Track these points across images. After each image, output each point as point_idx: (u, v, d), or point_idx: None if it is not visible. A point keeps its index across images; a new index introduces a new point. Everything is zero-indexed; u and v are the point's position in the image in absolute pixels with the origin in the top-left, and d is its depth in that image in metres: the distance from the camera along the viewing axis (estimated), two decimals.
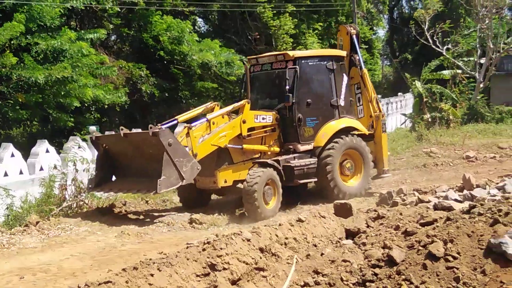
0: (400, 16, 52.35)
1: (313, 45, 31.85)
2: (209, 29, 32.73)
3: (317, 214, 9.74)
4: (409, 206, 10.64)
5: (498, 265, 5.70)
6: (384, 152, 15.09)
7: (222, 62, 24.59)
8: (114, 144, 13.06)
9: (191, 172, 11.88)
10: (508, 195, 9.56)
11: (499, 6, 30.76)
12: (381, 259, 6.48)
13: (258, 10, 28.42)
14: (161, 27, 23.66)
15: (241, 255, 7.48)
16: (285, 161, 13.30)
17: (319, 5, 33.96)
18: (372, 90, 15.35)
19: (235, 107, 13.45)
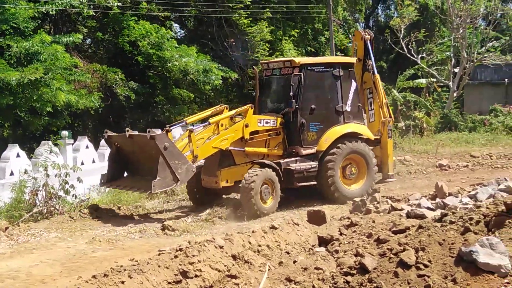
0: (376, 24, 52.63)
1: (289, 52, 31.92)
2: (185, 35, 32.62)
3: (290, 222, 9.75)
4: (382, 214, 10.67)
5: (468, 274, 5.71)
6: (389, 157, 15.36)
7: (200, 70, 24.52)
8: (123, 143, 13.77)
9: (186, 174, 12.60)
10: (479, 204, 9.62)
11: (473, 16, 31.12)
12: (353, 266, 6.47)
13: (234, 17, 28.41)
14: (139, 33, 23.53)
15: (213, 262, 7.45)
16: (286, 164, 13.85)
17: (295, 12, 34.06)
18: (383, 95, 15.70)
19: (239, 111, 14.09)
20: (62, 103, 18.13)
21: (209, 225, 12.42)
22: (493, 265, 5.71)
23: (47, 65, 17.89)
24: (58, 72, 18.49)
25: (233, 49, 28.88)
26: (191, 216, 13.17)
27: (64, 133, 14.80)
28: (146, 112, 25.23)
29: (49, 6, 19.71)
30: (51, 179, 12.90)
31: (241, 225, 12.02)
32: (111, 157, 14.02)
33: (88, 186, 14.65)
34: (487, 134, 28.00)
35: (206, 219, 12.88)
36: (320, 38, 38.31)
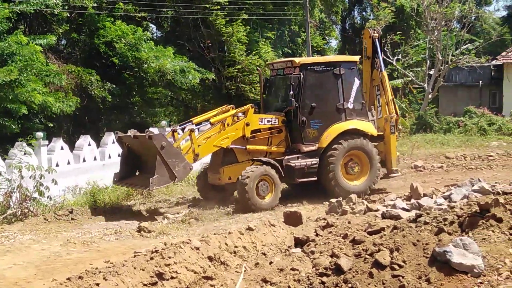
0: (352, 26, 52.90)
1: (267, 54, 31.97)
2: (162, 36, 32.49)
3: (267, 223, 9.77)
4: (358, 215, 10.74)
5: (442, 274, 5.77)
6: (392, 153, 15.60)
7: (177, 70, 24.44)
8: (133, 143, 14.33)
9: (183, 171, 13.37)
10: (453, 204, 9.73)
11: (448, 19, 31.45)
12: (329, 267, 6.51)
13: (210, 18, 28.37)
14: (115, 34, 23.37)
15: (189, 263, 7.44)
16: (287, 160, 14.34)
17: (272, 14, 34.13)
18: (390, 92, 15.94)
19: (240, 110, 14.75)
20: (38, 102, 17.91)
21: (186, 226, 12.38)
22: (467, 265, 5.78)
23: (22, 65, 17.69)
24: (33, 73, 18.29)
25: (210, 50, 28.85)
26: (167, 218, 13.13)
27: (38, 134, 14.65)
28: (123, 113, 25.07)
29: (24, 6, 19.47)
30: (26, 180, 12.77)
31: (218, 227, 12.00)
32: (122, 157, 14.71)
33: (63, 187, 14.51)
34: (461, 135, 28.26)
35: (183, 220, 12.85)
36: (297, 40, 38.47)
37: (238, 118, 14.53)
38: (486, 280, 5.74)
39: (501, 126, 29.39)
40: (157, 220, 12.99)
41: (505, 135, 28.19)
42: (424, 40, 34.66)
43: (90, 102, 23.14)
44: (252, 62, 29.67)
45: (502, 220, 6.96)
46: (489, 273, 5.83)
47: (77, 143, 16.42)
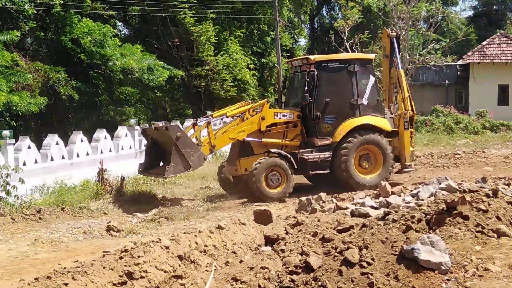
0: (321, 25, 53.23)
1: (235, 53, 31.95)
2: (130, 33, 32.27)
3: (237, 221, 9.77)
4: (327, 213, 10.81)
5: (410, 271, 5.85)
6: (406, 148, 15.98)
7: (145, 68, 24.27)
8: (156, 135, 15.12)
9: (198, 161, 14.13)
10: (421, 202, 9.86)
11: (415, 19, 31.80)
12: (299, 265, 6.54)
13: (179, 17, 28.26)
14: (81, 30, 23.11)
15: (159, 263, 7.41)
16: (301, 154, 14.96)
17: (241, 13, 34.13)
18: (406, 89, 16.29)
19: (257, 105, 15.50)
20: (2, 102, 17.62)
21: (155, 225, 12.32)
22: (434, 262, 5.86)
23: None
24: None
25: (179, 49, 28.74)
26: (137, 217, 13.05)
27: (5, 133, 14.42)
28: (91, 112, 24.81)
29: None
30: None
31: (188, 225, 11.98)
32: (147, 148, 15.72)
33: (31, 187, 14.33)
34: (428, 134, 28.67)
35: (152, 219, 12.78)
36: (265, 39, 38.50)
37: (256, 112, 15.17)
38: (453, 277, 5.83)
39: (467, 125, 29.88)
40: (127, 219, 12.90)
41: (471, 134, 28.67)
42: None
43: (58, 101, 22.86)
44: (220, 62, 29.67)
45: (469, 218, 7.08)
46: (456, 270, 5.93)
47: (45, 141, 16.22)
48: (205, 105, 30.54)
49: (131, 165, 17.84)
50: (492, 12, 50.85)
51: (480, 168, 17.19)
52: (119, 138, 18.24)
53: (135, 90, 26.05)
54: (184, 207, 13.83)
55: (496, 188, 9.36)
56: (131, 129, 19.07)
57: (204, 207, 13.91)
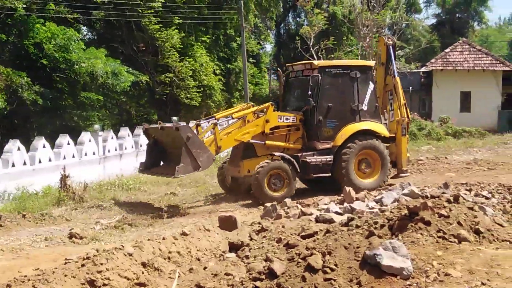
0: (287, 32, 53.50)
1: (201, 58, 31.90)
2: (94, 38, 31.96)
3: (201, 228, 9.71)
4: (292, 219, 10.83)
5: (372, 276, 5.89)
6: (403, 154, 16.48)
7: (109, 72, 24.05)
8: (159, 135, 15.37)
9: (207, 161, 14.24)
10: (384, 208, 9.96)
11: (379, 26, 32.17)
12: (262, 272, 6.53)
13: (143, 22, 28.11)
14: (45, 35, 22.80)
15: (122, 270, 7.32)
16: (303, 157, 15.22)
17: (207, 18, 34.11)
18: (402, 96, 16.77)
19: (261, 108, 15.77)
20: None
21: (119, 232, 12.19)
22: (396, 267, 5.91)
23: None
24: None
25: (144, 54, 28.57)
26: (100, 223, 12.90)
27: None
28: (54, 117, 24.46)
29: None
30: None
31: (152, 232, 11.89)
32: (148, 148, 15.85)
33: None
34: None
35: (116, 226, 12.65)
36: (232, 44, 38.56)
37: (258, 116, 15.42)
38: (414, 282, 5.89)
39: (430, 131, 30.28)
40: (90, 226, 12.74)
41: (434, 140, 29.06)
42: (356, 46, 35.31)
43: (20, 105, 22.48)
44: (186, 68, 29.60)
45: (430, 223, 7.17)
46: (418, 275, 5.99)
47: (6, 147, 15.93)
48: (170, 110, 30.44)
49: (95, 171, 17.69)
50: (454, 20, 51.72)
51: (442, 174, 17.45)
52: (83, 144, 18.03)
53: (99, 96, 25.77)
54: (148, 214, 13.71)
55: (457, 193, 9.51)
56: (95, 134, 18.85)
57: (168, 214, 13.81)
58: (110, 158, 19.00)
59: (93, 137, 18.69)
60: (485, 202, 9.94)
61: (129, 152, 19.99)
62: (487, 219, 7.84)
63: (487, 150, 24.09)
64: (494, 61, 35.87)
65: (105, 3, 27.32)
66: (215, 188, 16.91)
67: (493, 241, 7.36)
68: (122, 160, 19.54)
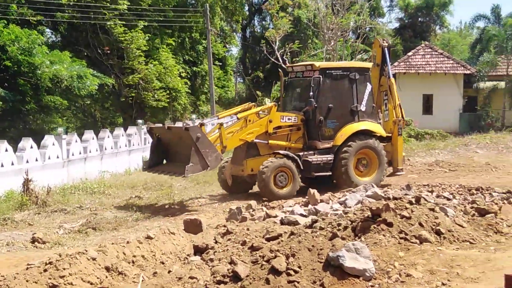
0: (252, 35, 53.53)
1: (167, 60, 31.76)
2: (58, 40, 31.56)
3: (166, 231, 9.68)
4: (257, 221, 10.85)
5: (335, 278, 5.96)
6: (399, 153, 16.97)
7: (74, 75, 23.77)
8: (164, 134, 15.84)
9: (215, 161, 14.55)
10: (348, 210, 10.06)
11: (344, 29, 32.40)
12: (227, 275, 6.55)
13: (108, 24, 27.89)
14: (8, 38, 22.43)
15: (85, 275, 7.28)
16: (305, 156, 15.62)
17: (172, 21, 34.00)
18: (397, 97, 17.25)
19: (263, 108, 16.17)
20: None
21: (82, 236, 12.08)
22: (358, 269, 6.00)
23: None
24: None
25: (109, 56, 28.33)
26: (64, 228, 12.75)
27: None
28: (17, 120, 24.12)
29: None
30: None
31: (116, 236, 11.80)
32: (152, 146, 16.06)
33: None
34: None
35: (80, 230, 12.53)
36: (197, 47, 38.48)
37: (259, 116, 15.70)
38: (377, 283, 5.98)
39: None
40: (53, 230, 12.59)
41: None
42: (321, 50, 35.55)
43: None
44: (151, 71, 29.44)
45: (393, 225, 7.28)
46: (380, 276, 6.08)
47: None
48: (136, 113, 30.24)
49: (59, 174, 17.48)
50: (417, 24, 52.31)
51: (405, 175, 17.68)
52: (46, 147, 17.78)
53: (63, 100, 25.45)
54: (112, 217, 13.60)
55: (419, 195, 9.68)
56: (58, 137, 18.60)
57: (133, 217, 13.72)
58: (74, 162, 18.79)
59: (57, 140, 18.44)
60: (446, 203, 10.10)
61: (94, 155, 19.80)
62: (448, 220, 7.99)
63: (449, 152, 24.44)
64: (456, 65, 36.43)
65: (69, 5, 27.02)
66: (180, 191, 16.87)
67: (453, 242, 7.51)
68: (86, 164, 19.34)
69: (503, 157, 22.21)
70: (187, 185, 17.89)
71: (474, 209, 9.44)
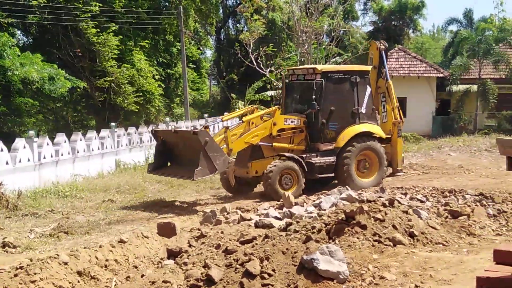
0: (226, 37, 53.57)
1: (140, 62, 31.58)
2: (29, 42, 31.22)
3: (140, 234, 9.61)
4: (232, 224, 10.80)
5: (309, 281, 5.94)
6: (398, 154, 17.63)
7: (46, 78, 23.49)
8: (169, 137, 16.10)
9: (223, 164, 14.72)
10: (322, 212, 10.06)
11: (318, 33, 32.49)
12: (200, 278, 6.50)
13: (80, 26, 27.64)
14: None
15: (57, 279, 7.18)
16: (308, 157, 15.91)
17: (146, 23, 33.83)
18: (395, 99, 17.92)
19: (267, 111, 16.65)
20: None
21: (54, 240, 11.89)
22: (332, 271, 5.99)
23: None
24: None
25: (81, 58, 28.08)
26: (35, 232, 12.56)
27: None
28: None
29: None
30: None
31: (89, 240, 11.66)
32: (157, 149, 16.29)
33: None
34: None
35: (51, 234, 12.34)
36: (172, 50, 38.35)
37: (262, 119, 16.09)
38: (350, 286, 5.98)
39: None
40: (24, 234, 12.39)
41: None
42: (295, 53, 35.63)
43: None
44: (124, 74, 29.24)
45: (366, 227, 7.30)
46: (354, 279, 6.08)
47: None
48: (109, 116, 30.00)
49: (30, 178, 17.23)
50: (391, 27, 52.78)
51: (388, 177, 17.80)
52: (17, 150, 17.52)
53: (34, 102, 25.16)
54: (85, 221, 13.44)
55: (392, 198, 9.73)
56: (29, 140, 18.33)
57: (106, 221, 13.58)
58: (46, 165, 18.54)
59: (28, 143, 18.17)
60: (420, 206, 10.16)
61: (66, 158, 19.56)
62: (421, 222, 8.04)
63: (422, 155, 24.66)
64: (429, 68, 36.77)
65: (40, 6, 26.71)
66: (154, 195, 16.75)
67: (427, 244, 7.56)
68: (58, 167, 19.10)
69: (476, 160, 22.49)
70: (161, 188, 17.79)
71: (447, 211, 9.54)
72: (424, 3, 52.34)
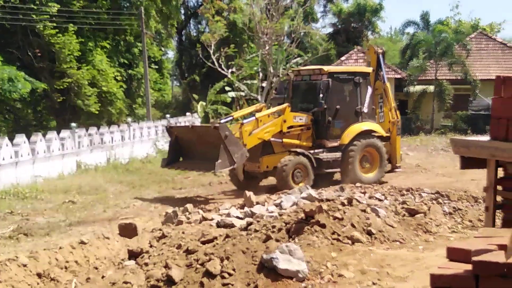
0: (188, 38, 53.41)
1: (101, 63, 31.30)
2: None
3: (100, 236, 9.60)
4: (193, 224, 10.82)
5: (269, 280, 6.03)
6: (397, 151, 18.63)
7: (5, 78, 23.12)
8: (184, 133, 17.05)
9: (241, 158, 15.43)
10: (283, 212, 10.17)
11: (278, 34, 32.63)
12: (161, 279, 6.54)
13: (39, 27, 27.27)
14: None
15: (16, 282, 7.15)
16: (316, 154, 16.75)
17: (106, 24, 33.55)
18: (392, 100, 18.97)
19: (278, 109, 17.42)
20: None
21: (14, 242, 11.76)
22: (292, 270, 6.09)
23: None
24: None
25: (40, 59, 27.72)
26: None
27: None
28: None
29: None
30: None
31: (49, 241, 11.55)
32: (171, 145, 17.14)
33: None
34: None
35: (10, 236, 12.20)
36: (133, 50, 38.09)
37: (269, 116, 16.94)
38: (309, 284, 6.09)
39: None
40: None
41: None
42: (256, 54, 35.72)
43: None
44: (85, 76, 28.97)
45: (326, 226, 7.43)
46: (313, 277, 6.19)
47: None
48: (69, 117, 29.66)
49: None
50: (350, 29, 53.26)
51: None
52: None
53: None
54: (45, 223, 13.32)
55: (351, 196, 9.89)
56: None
57: (66, 222, 13.47)
58: (5, 166, 18.26)
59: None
60: (378, 204, 10.34)
61: (26, 159, 19.29)
62: (378, 221, 8.21)
63: None
64: (387, 69, 37.14)
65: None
66: (115, 196, 16.67)
67: (384, 242, 7.73)
68: (17, 168, 18.82)
69: (433, 159, 22.98)
70: (122, 189, 17.71)
71: (404, 209, 9.74)
72: (382, 5, 53.02)
